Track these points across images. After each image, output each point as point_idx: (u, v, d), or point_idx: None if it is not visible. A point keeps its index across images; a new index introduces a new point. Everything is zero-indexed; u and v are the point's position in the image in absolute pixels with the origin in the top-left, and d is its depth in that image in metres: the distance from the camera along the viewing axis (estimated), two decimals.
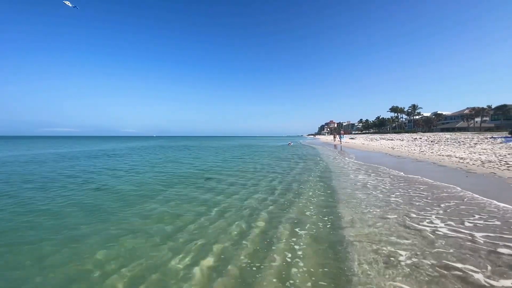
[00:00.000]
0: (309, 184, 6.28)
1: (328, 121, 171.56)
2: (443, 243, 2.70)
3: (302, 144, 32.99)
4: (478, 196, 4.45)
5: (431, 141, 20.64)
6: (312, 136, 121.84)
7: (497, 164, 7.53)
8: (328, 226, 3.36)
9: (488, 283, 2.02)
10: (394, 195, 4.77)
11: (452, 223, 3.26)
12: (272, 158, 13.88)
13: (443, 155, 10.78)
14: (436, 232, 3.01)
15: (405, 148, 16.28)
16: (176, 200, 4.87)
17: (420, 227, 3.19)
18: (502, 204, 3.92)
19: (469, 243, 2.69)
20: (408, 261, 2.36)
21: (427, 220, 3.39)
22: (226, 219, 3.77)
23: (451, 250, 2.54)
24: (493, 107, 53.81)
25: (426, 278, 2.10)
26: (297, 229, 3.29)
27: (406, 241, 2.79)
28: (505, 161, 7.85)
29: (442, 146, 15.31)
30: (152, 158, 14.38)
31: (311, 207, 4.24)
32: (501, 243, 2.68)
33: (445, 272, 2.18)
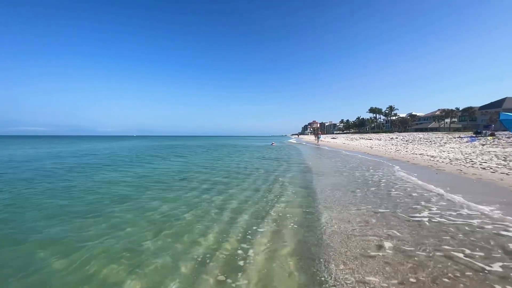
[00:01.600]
0: (286, 183, 6.32)
1: (311, 121, 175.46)
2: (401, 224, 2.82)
3: (286, 145, 33.30)
4: (442, 191, 4.72)
5: (406, 141, 21.78)
6: (296, 136, 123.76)
7: (463, 162, 8.07)
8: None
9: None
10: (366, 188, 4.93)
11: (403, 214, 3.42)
12: (253, 158, 13.85)
13: (416, 154, 11.39)
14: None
15: (383, 147, 17.02)
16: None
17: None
18: (462, 200, 4.18)
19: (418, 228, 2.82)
20: (357, 227, 2.43)
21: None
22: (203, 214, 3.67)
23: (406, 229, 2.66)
24: (460, 109, 57.99)
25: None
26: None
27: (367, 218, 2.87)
28: (470, 159, 8.44)
29: (415, 145, 16.19)
30: (120, 158, 13.75)
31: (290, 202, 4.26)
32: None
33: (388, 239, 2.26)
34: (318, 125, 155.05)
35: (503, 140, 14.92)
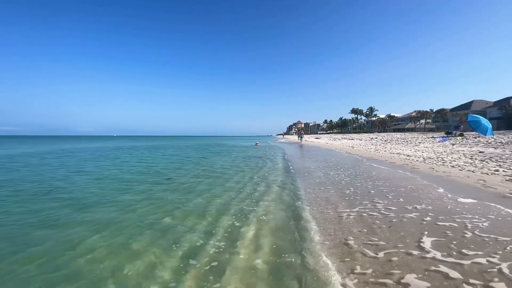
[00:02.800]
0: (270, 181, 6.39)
1: (296, 121, 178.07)
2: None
3: (270, 144, 33.54)
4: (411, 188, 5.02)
5: (385, 141, 22.79)
6: (281, 136, 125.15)
7: (435, 160, 8.61)
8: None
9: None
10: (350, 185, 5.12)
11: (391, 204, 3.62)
12: (237, 158, 13.84)
13: (393, 153, 11.97)
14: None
15: (363, 147, 17.69)
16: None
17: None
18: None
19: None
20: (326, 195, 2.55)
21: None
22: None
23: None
24: (434, 110, 61.65)
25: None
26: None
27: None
28: (441, 158, 9.02)
29: (393, 145, 17.00)
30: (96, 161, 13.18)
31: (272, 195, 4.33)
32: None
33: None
34: (303, 125, 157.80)
35: (471, 140, 16.08)
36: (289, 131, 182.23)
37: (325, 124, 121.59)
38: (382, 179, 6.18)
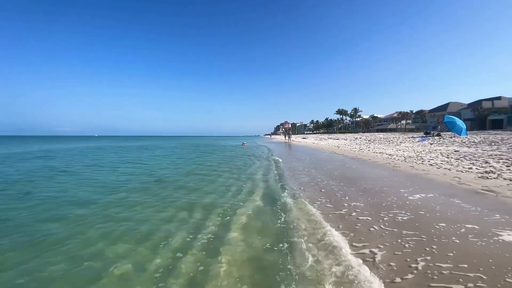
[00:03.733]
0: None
1: (283, 122, 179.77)
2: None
3: (258, 144, 33.61)
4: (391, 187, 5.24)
5: (369, 141, 23.56)
6: (269, 136, 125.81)
7: (415, 159, 9.01)
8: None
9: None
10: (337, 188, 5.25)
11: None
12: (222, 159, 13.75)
13: (376, 152, 12.40)
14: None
15: (348, 146, 18.18)
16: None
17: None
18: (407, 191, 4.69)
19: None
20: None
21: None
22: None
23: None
24: (414, 111, 64.56)
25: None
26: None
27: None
28: (421, 157, 9.45)
29: (376, 145, 17.61)
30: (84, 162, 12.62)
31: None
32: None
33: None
34: (290, 126, 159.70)
35: (447, 139, 17.00)
36: (276, 131, 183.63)
37: (312, 125, 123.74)
38: (358, 173, 6.37)
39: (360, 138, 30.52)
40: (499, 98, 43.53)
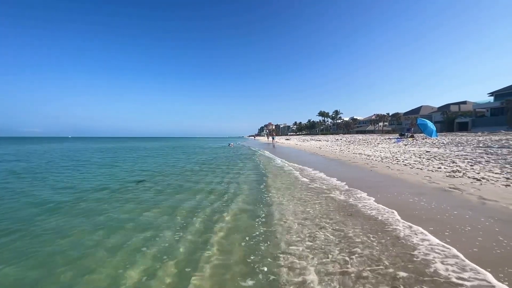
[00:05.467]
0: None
1: (267, 123, 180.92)
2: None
3: (243, 145, 33.57)
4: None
5: (349, 142, 24.44)
6: (253, 137, 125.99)
7: (390, 160, 9.51)
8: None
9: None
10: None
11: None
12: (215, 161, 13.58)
13: (356, 153, 12.91)
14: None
15: (329, 148, 18.74)
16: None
17: None
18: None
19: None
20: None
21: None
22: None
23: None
24: (390, 114, 68.03)
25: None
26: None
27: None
28: (396, 157, 9.99)
29: (356, 146, 18.33)
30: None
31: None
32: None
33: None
34: (274, 127, 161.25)
35: (419, 141, 18.13)
36: (260, 132, 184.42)
37: (295, 126, 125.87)
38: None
39: (341, 139, 31.58)
40: (464, 102, 47.25)
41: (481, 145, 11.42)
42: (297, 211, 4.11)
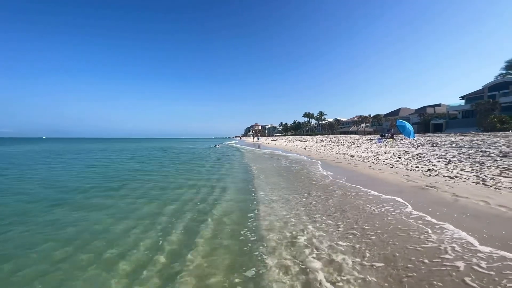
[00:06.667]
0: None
1: (253, 124, 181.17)
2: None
3: (229, 146, 33.35)
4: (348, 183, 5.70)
5: (333, 142, 25.07)
6: (239, 138, 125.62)
7: (372, 159, 9.87)
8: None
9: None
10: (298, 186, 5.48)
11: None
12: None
13: (339, 154, 13.27)
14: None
15: (314, 148, 19.12)
16: None
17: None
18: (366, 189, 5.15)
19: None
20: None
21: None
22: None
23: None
24: (372, 115, 70.69)
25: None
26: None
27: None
28: (377, 157, 10.39)
29: (340, 146, 18.85)
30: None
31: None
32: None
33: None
34: (260, 128, 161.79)
35: (399, 141, 18.99)
36: (246, 133, 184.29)
37: (281, 127, 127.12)
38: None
39: (325, 140, 32.32)
40: (439, 105, 50.24)
41: (454, 145, 12.16)
42: (279, 209, 4.15)
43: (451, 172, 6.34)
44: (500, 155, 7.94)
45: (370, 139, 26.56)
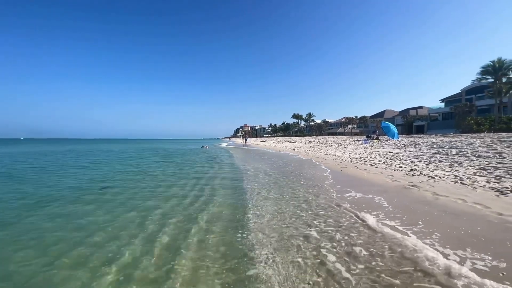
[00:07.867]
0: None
1: (243, 125, 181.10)
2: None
3: (218, 147, 33.11)
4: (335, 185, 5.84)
5: (321, 143, 25.52)
6: (228, 139, 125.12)
7: (358, 160, 10.14)
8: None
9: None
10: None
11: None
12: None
13: (327, 154, 13.53)
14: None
15: (303, 149, 19.39)
16: None
17: None
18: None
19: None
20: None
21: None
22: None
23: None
24: (358, 117, 72.59)
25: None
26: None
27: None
28: (363, 158, 10.69)
29: (327, 147, 19.21)
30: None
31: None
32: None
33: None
34: (249, 129, 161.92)
35: (384, 142, 19.63)
36: (236, 134, 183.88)
37: (270, 128, 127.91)
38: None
39: (314, 141, 32.84)
40: (421, 107, 52.45)
41: (434, 146, 12.73)
42: (271, 210, 4.17)
43: (432, 172, 6.63)
44: (476, 155, 8.40)
45: (357, 140, 27.26)
